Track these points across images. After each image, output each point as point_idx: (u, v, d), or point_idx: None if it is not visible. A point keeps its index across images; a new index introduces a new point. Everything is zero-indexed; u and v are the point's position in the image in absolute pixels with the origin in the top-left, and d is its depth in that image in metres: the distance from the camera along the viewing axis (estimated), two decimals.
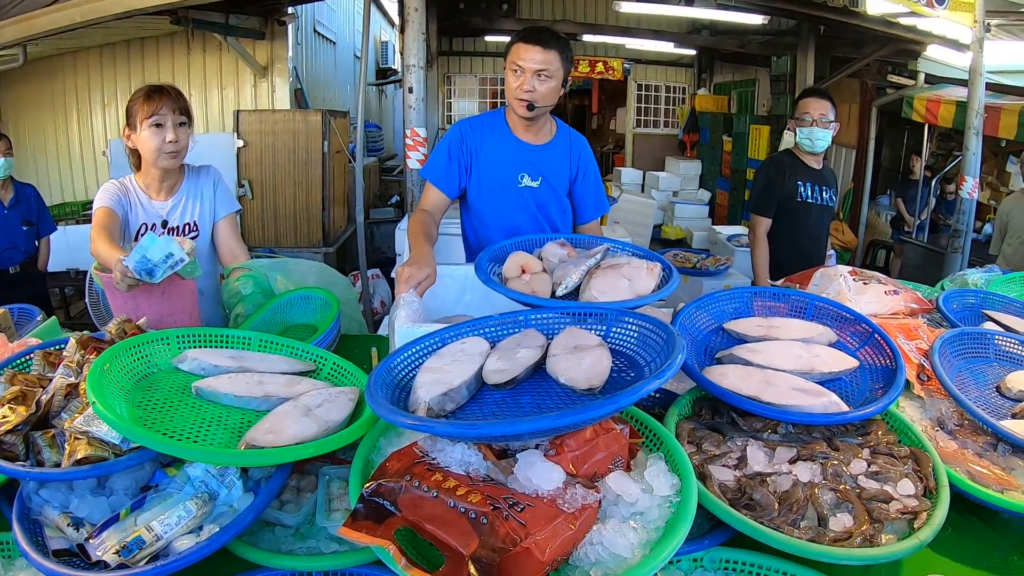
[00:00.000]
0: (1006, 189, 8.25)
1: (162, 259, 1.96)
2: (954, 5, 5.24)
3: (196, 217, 2.69)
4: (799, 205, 3.85)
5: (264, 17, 7.40)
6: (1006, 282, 2.78)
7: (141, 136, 2.47)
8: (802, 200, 3.84)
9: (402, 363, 1.55)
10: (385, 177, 10.19)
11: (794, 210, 3.85)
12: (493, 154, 2.79)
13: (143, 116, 2.44)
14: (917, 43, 7.67)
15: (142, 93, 2.48)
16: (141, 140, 2.48)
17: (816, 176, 3.88)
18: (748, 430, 1.61)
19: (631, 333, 1.60)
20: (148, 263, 1.94)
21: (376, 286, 6.53)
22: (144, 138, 2.47)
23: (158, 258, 1.96)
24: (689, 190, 12.26)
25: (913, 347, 1.99)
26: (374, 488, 1.17)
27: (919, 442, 1.59)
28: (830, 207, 3.95)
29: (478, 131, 2.80)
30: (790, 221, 3.87)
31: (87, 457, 1.33)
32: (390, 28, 13.87)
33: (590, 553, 1.14)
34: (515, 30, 3.05)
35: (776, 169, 3.90)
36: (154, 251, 1.95)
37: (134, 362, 1.63)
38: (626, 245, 2.27)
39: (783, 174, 3.85)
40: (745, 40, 10.52)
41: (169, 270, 1.98)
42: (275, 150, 6.87)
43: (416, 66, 4.17)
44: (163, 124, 2.46)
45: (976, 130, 5.47)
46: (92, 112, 7.72)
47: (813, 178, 3.87)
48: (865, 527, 1.31)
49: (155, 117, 2.44)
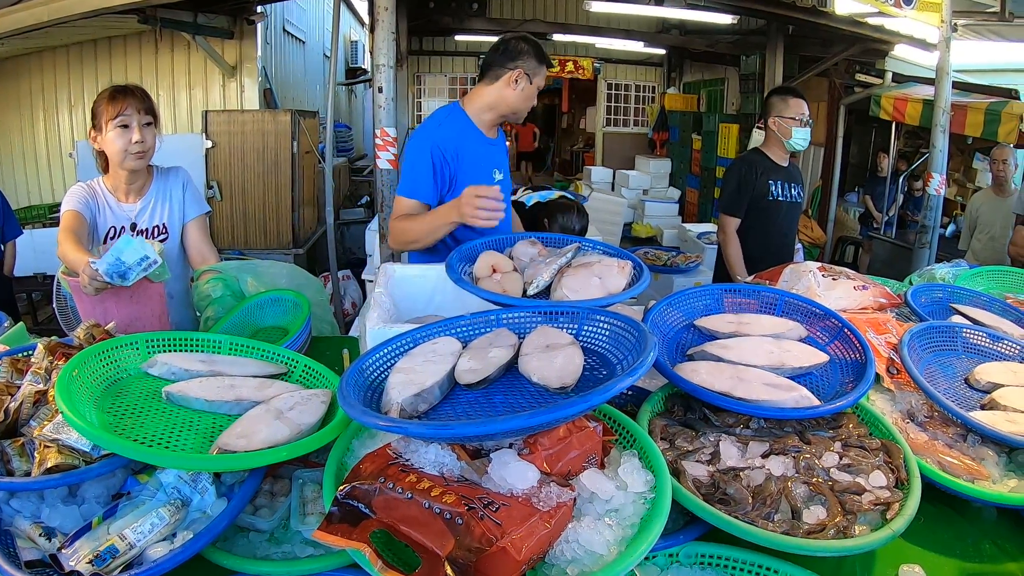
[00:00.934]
0: (972, 185, 8.39)
1: (136, 262, 1.94)
2: (921, 5, 5.31)
3: (165, 219, 2.66)
4: (771, 204, 3.87)
5: (233, 16, 7.34)
6: (973, 276, 2.83)
7: (107, 137, 2.44)
8: (773, 199, 3.87)
9: (374, 364, 1.54)
10: (355, 177, 10.14)
11: (765, 209, 3.88)
12: (472, 158, 2.77)
13: (108, 117, 2.41)
14: (885, 42, 7.78)
15: (106, 94, 2.44)
16: (107, 141, 2.45)
17: (785, 174, 3.92)
18: (721, 425, 1.62)
19: (603, 331, 1.61)
20: (122, 266, 1.92)
21: (347, 287, 6.50)
22: (110, 139, 2.44)
23: (132, 261, 1.93)
24: (659, 188, 12.32)
25: (882, 341, 2.02)
26: (348, 491, 1.17)
27: (890, 434, 1.60)
28: (798, 203, 3.99)
29: (452, 139, 2.73)
30: (762, 219, 3.90)
31: (57, 465, 1.31)
32: (360, 27, 13.83)
33: (566, 551, 1.15)
34: (486, 29, 3.08)
35: (748, 169, 3.92)
36: (129, 253, 1.93)
37: (103, 368, 1.61)
38: (597, 243, 2.27)
39: (755, 173, 3.87)
40: (714, 39, 10.60)
41: (142, 272, 1.96)
42: (244, 151, 6.82)
43: (386, 65, 4.15)
44: (129, 125, 2.43)
45: (943, 128, 5.55)
46: (59, 113, 7.61)
47: (782, 176, 3.90)
48: (838, 519, 1.32)
49: (120, 118, 2.41)
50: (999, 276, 2.92)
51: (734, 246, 3.91)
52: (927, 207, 5.81)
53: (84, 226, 2.44)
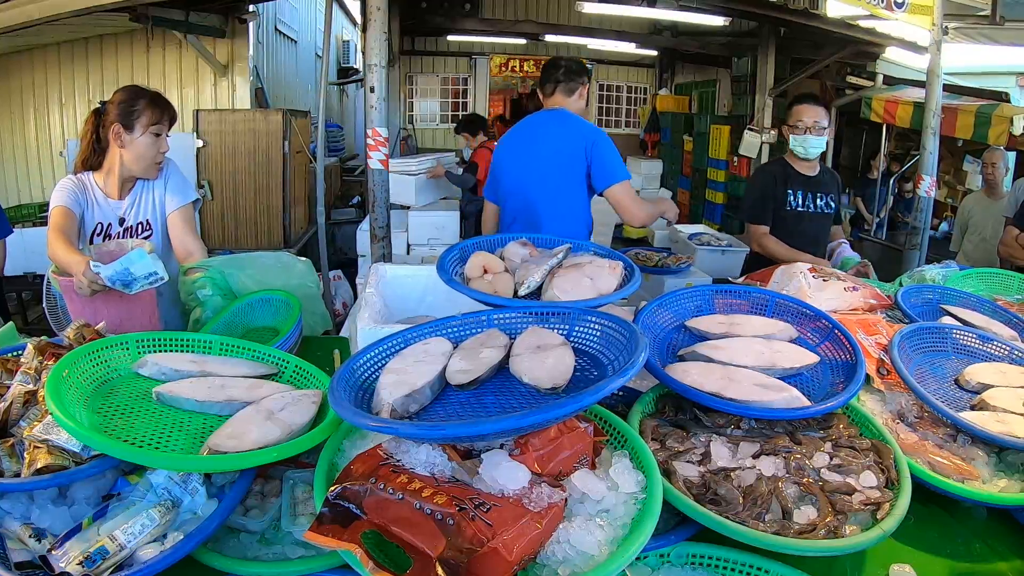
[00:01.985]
0: (963, 188, 8.43)
1: (145, 275, 1.98)
2: (913, 8, 5.32)
3: (148, 215, 2.66)
4: (789, 214, 3.78)
5: (225, 15, 7.30)
6: (963, 278, 2.84)
7: (138, 140, 2.45)
8: (791, 209, 3.77)
9: (365, 364, 1.54)
10: (346, 178, 10.11)
11: (784, 219, 3.78)
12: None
13: (150, 121, 2.43)
14: (876, 45, 7.80)
15: (146, 96, 2.46)
16: (136, 144, 2.46)
17: (809, 183, 3.79)
18: (711, 426, 1.62)
19: (594, 332, 1.61)
20: (128, 276, 1.94)
21: (338, 287, 6.47)
22: (142, 143, 2.45)
23: (141, 274, 1.97)
24: (650, 189, 12.30)
25: (873, 342, 2.02)
26: (339, 491, 1.16)
27: (880, 435, 1.61)
28: (826, 214, 3.85)
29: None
30: (781, 230, 3.81)
31: (47, 466, 1.31)
32: (352, 27, 13.78)
33: (557, 551, 1.15)
34: (478, 30, 3.12)
35: (767, 179, 3.82)
36: (140, 267, 1.96)
37: (93, 368, 1.61)
38: (588, 244, 2.27)
39: (774, 183, 3.80)
40: (706, 41, 10.59)
41: (147, 286, 1.99)
42: (235, 150, 6.79)
43: (378, 65, 4.13)
44: (161, 134, 2.46)
45: (933, 130, 5.56)
46: (49, 112, 7.55)
47: (806, 186, 3.78)
48: (829, 519, 1.32)
49: (157, 126, 2.44)
50: (989, 278, 2.93)
51: (772, 243, 3.77)
52: (917, 209, 5.82)
53: (74, 223, 2.43)
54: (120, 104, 2.44)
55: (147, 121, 2.42)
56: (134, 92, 2.47)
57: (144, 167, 2.49)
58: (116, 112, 2.44)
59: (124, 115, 2.43)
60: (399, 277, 2.42)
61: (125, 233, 2.61)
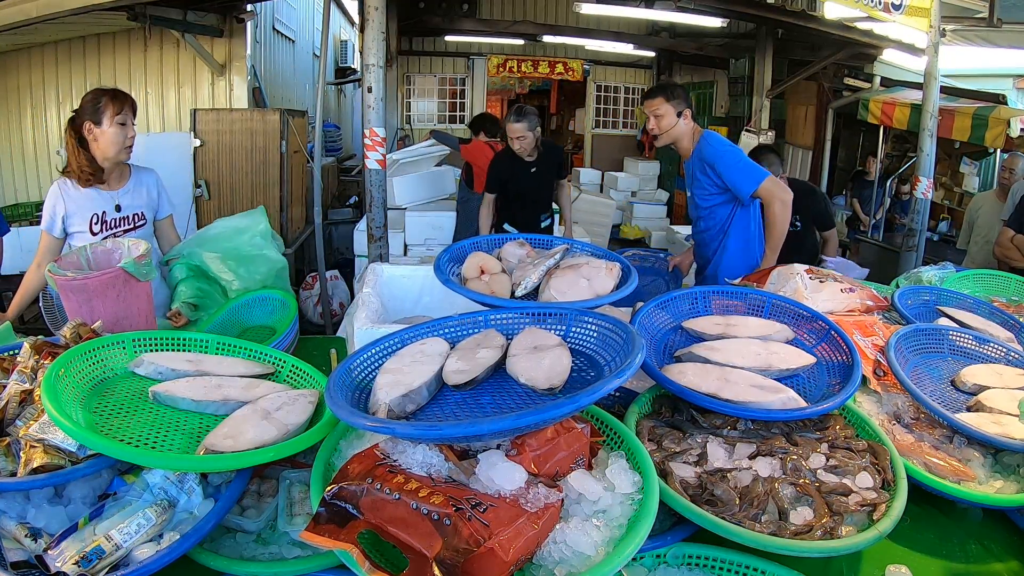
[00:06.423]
0: (960, 189, 8.43)
1: None
2: (910, 10, 5.33)
3: (143, 208, 2.89)
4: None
5: (223, 14, 7.28)
6: (960, 279, 2.84)
7: (107, 131, 2.66)
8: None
9: (361, 364, 1.54)
10: (343, 177, 10.08)
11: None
12: None
13: (113, 112, 2.64)
14: (873, 47, 7.81)
15: (108, 93, 2.69)
16: (106, 135, 2.67)
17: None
18: (708, 427, 1.62)
19: (591, 332, 1.61)
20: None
21: (335, 287, 6.46)
22: (111, 133, 2.66)
23: None
24: (647, 190, 12.31)
25: (869, 343, 2.03)
26: (336, 491, 1.16)
27: (876, 436, 1.61)
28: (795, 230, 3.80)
29: None
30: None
31: (43, 465, 1.31)
32: (350, 27, 13.76)
33: (554, 552, 1.15)
34: (476, 30, 3.12)
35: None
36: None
37: (90, 367, 1.60)
38: (585, 245, 2.27)
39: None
40: (704, 42, 10.60)
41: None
42: (232, 150, 6.76)
43: (376, 65, 4.14)
44: (125, 123, 2.68)
45: (930, 132, 5.57)
46: (47, 110, 7.52)
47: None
48: (825, 520, 1.33)
49: (121, 116, 2.65)
50: (985, 279, 2.94)
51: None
52: (914, 211, 5.83)
53: (56, 245, 2.78)
54: (87, 105, 2.67)
55: (112, 113, 2.64)
56: (96, 92, 2.71)
57: (116, 151, 2.71)
58: (85, 112, 2.67)
59: (92, 112, 2.65)
60: (396, 277, 2.42)
61: (121, 222, 2.80)
